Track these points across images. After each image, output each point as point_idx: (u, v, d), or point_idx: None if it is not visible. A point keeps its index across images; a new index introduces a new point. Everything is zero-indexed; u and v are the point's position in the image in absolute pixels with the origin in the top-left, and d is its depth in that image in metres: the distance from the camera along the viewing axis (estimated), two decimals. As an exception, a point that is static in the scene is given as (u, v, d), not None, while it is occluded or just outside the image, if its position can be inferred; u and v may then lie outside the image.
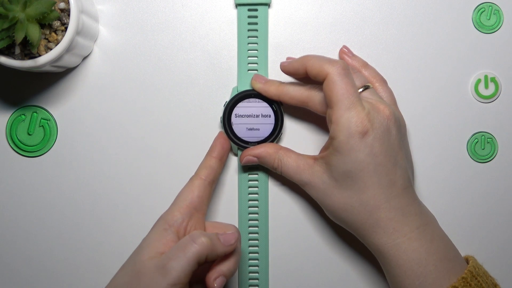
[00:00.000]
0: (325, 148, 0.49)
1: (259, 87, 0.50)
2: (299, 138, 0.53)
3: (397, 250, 0.45)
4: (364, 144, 0.44)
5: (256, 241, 0.53)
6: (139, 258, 0.44)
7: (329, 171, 0.46)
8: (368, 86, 0.48)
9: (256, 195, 0.52)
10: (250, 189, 0.52)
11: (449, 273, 0.44)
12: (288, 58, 0.51)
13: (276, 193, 0.53)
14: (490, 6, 0.52)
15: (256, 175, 0.52)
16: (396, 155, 0.45)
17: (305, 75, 0.48)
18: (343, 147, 0.44)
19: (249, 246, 0.53)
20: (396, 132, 0.45)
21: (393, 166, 0.45)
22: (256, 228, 0.52)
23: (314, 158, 0.48)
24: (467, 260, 0.47)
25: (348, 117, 0.44)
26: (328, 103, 0.45)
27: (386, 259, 0.46)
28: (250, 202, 0.52)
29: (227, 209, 0.53)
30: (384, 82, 0.50)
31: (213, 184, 0.49)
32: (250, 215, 0.52)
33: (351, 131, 0.44)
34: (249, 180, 0.52)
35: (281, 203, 0.53)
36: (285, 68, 0.49)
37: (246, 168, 0.52)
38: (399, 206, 0.45)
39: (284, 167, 0.49)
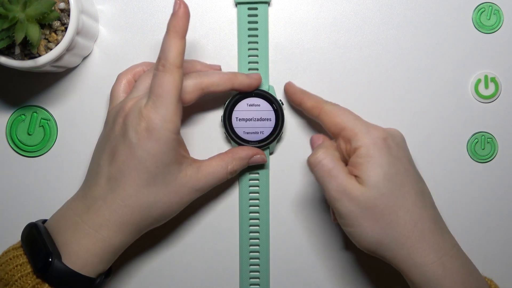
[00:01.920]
0: (353, 167, 0.44)
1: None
2: (299, 138, 0.53)
3: (443, 270, 0.42)
4: (388, 146, 0.44)
5: (257, 240, 0.53)
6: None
7: (366, 182, 0.43)
8: None
9: (257, 194, 0.52)
10: (251, 188, 0.52)
11: None
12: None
13: (277, 192, 0.53)
14: (490, 6, 0.52)
15: (257, 175, 0.52)
16: (415, 166, 0.46)
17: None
18: (373, 148, 0.44)
19: (250, 246, 0.53)
20: (405, 150, 0.46)
21: (418, 175, 0.45)
22: (257, 227, 0.52)
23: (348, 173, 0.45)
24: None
25: (366, 128, 0.45)
26: (339, 131, 0.46)
27: (430, 283, 0.42)
28: (251, 201, 0.52)
29: (227, 209, 0.53)
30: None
31: None
32: (251, 214, 0.52)
33: (373, 136, 0.44)
34: (250, 180, 0.52)
35: (282, 203, 0.53)
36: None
37: (247, 168, 0.52)
38: (434, 218, 0.44)
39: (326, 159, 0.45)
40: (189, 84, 0.47)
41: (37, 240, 0.44)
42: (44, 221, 0.48)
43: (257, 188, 0.52)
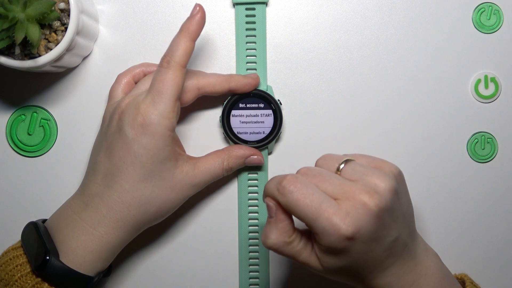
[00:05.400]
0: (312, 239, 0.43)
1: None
2: (298, 138, 0.53)
3: None
4: (350, 244, 0.40)
5: (256, 240, 0.53)
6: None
7: (322, 262, 0.42)
8: (347, 160, 0.42)
9: (256, 194, 0.52)
10: (250, 188, 0.52)
11: None
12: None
13: (276, 193, 0.53)
14: (490, 6, 0.52)
15: (256, 175, 0.52)
16: (388, 233, 0.41)
17: None
18: (332, 250, 0.40)
19: (249, 245, 0.53)
20: (388, 214, 0.40)
21: (387, 244, 0.41)
22: (256, 228, 0.52)
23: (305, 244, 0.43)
24: (462, 281, 0.46)
25: (328, 225, 0.39)
26: (301, 220, 0.42)
27: None
28: (250, 201, 0.52)
29: (227, 209, 0.53)
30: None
31: None
32: (250, 214, 0.52)
33: (332, 239, 0.40)
34: (249, 180, 0.52)
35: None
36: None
37: (245, 168, 0.52)
38: (394, 271, 0.43)
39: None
40: (186, 84, 0.47)
41: (36, 239, 0.45)
42: (45, 220, 0.48)
43: (256, 188, 0.52)
